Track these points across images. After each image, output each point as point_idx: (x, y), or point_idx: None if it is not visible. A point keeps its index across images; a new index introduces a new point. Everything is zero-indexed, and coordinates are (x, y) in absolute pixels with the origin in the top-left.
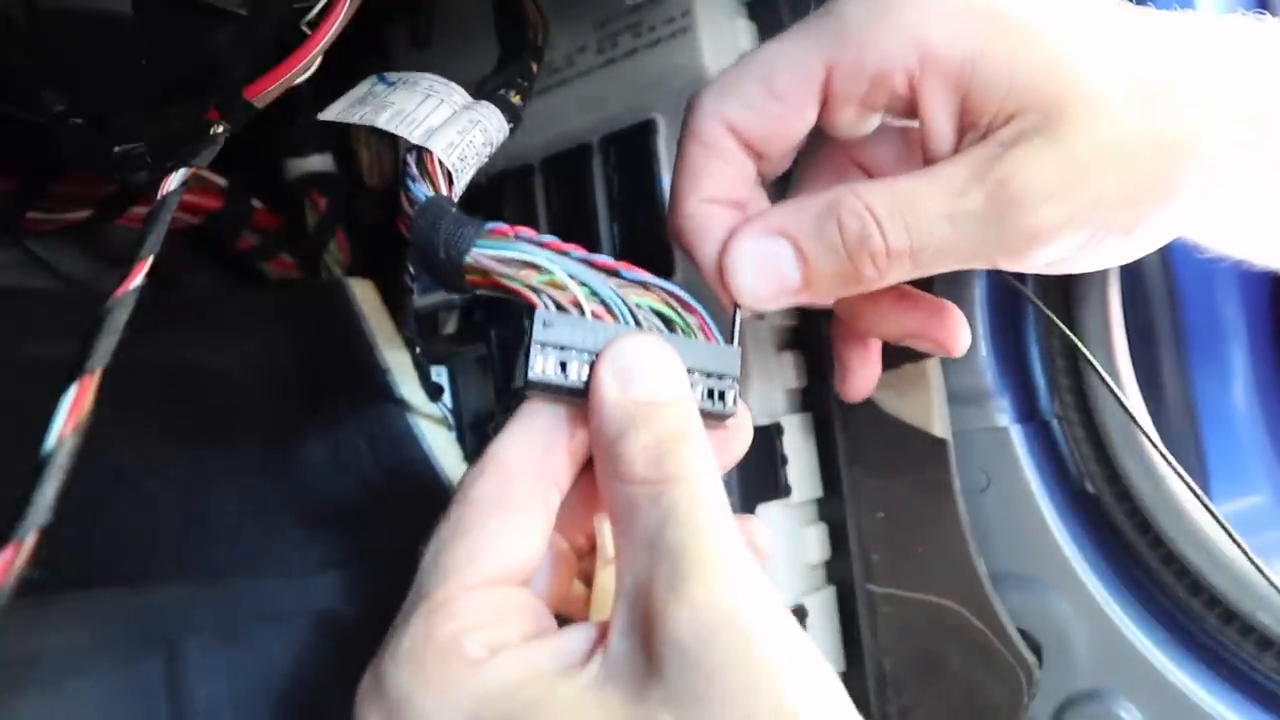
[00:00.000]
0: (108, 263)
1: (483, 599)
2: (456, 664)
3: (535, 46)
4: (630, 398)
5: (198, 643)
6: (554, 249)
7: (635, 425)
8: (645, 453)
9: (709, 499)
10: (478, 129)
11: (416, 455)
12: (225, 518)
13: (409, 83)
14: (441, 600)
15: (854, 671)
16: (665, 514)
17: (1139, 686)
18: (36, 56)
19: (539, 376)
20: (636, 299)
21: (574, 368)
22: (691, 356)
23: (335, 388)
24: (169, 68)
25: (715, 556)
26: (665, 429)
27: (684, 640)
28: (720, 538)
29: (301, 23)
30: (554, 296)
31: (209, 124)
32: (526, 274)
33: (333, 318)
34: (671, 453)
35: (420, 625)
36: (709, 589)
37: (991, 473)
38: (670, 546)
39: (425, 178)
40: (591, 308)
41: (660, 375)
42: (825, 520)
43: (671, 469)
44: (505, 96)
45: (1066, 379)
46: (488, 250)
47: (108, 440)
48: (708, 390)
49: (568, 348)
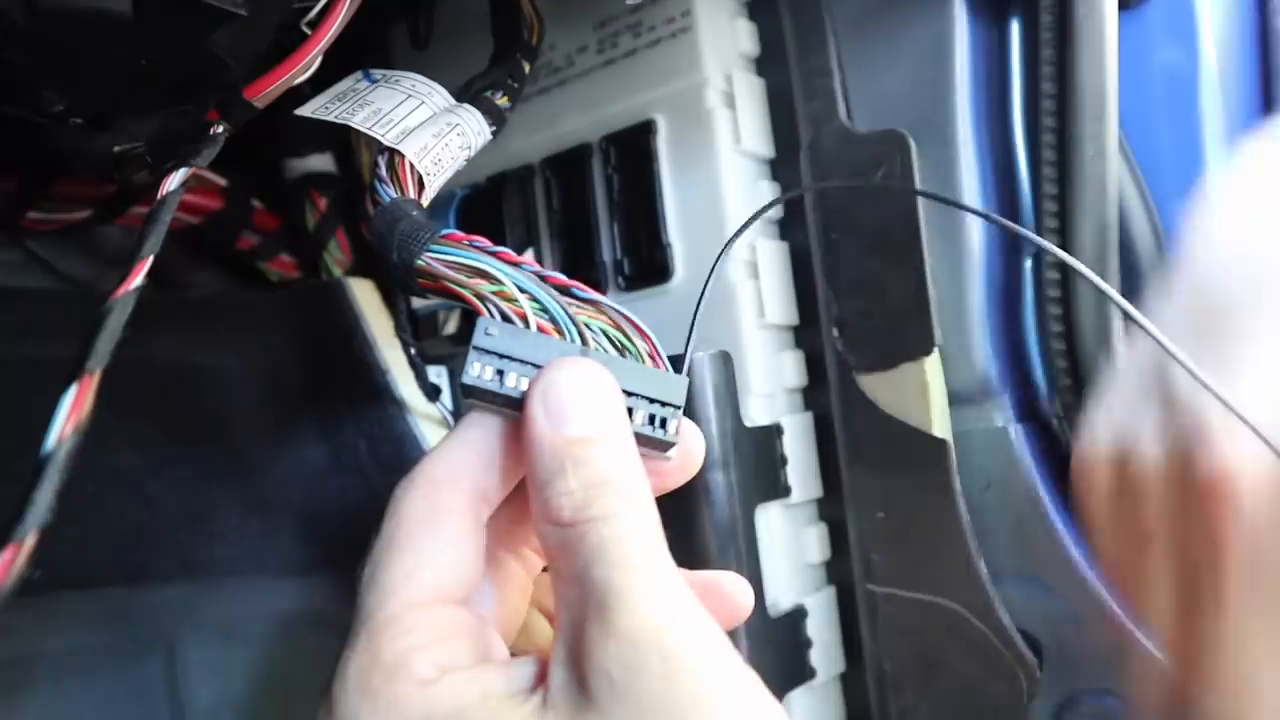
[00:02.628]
0: (108, 263)
1: (427, 618)
2: (405, 683)
3: (528, 46)
4: (562, 435)
5: (197, 643)
6: (506, 259)
7: (564, 468)
8: (572, 496)
9: (635, 536)
10: (455, 132)
11: (416, 455)
12: (225, 517)
13: (391, 81)
14: (385, 619)
15: (854, 671)
16: (592, 552)
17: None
18: (36, 56)
19: (474, 381)
20: (586, 319)
21: (512, 378)
22: (637, 381)
23: (335, 388)
24: (169, 68)
25: (641, 589)
26: (594, 472)
27: (611, 671)
28: (647, 571)
29: (301, 23)
30: (501, 307)
31: (209, 124)
32: (477, 282)
33: (333, 318)
34: (599, 496)
35: (364, 646)
36: (634, 620)
37: (991, 473)
38: (597, 582)
39: (394, 181)
40: (538, 322)
41: (592, 409)
42: (825, 520)
43: (598, 510)
44: (490, 99)
45: (1066, 379)
46: (440, 255)
47: (108, 440)
48: (649, 416)
49: (507, 357)
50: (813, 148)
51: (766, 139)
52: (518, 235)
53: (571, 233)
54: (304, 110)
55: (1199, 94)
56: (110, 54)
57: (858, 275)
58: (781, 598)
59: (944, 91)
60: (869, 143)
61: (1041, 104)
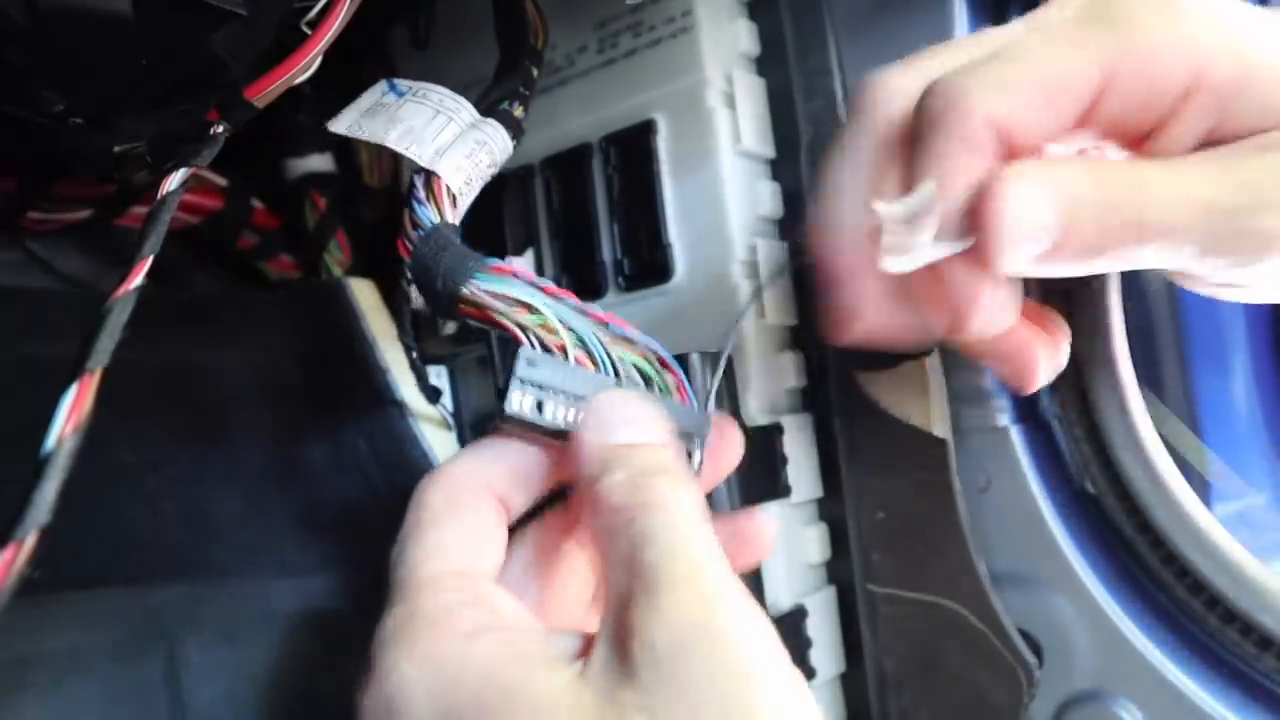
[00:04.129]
0: (108, 263)
1: (464, 581)
2: (446, 634)
3: (535, 51)
4: (609, 441)
5: (198, 643)
6: (549, 293)
7: (611, 466)
8: (621, 485)
9: (684, 522)
10: (484, 150)
11: (417, 455)
12: (225, 518)
13: (419, 95)
14: (424, 579)
15: (854, 671)
16: (641, 536)
17: (1139, 686)
18: (36, 56)
19: (516, 412)
20: (620, 352)
21: (550, 408)
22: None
23: (335, 388)
24: (169, 68)
25: (689, 572)
26: (640, 465)
27: (658, 648)
28: (695, 555)
29: (301, 23)
30: (541, 338)
31: (209, 124)
32: (518, 313)
33: (333, 318)
34: (646, 484)
35: (403, 603)
36: (681, 601)
37: (991, 473)
38: (646, 564)
39: (431, 201)
40: (576, 354)
41: (638, 423)
42: (825, 520)
43: (647, 497)
44: (509, 111)
45: (1067, 379)
46: (484, 285)
47: (108, 440)
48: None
49: (547, 388)
50: (812, 147)
51: (767, 139)
52: (518, 235)
53: (571, 233)
54: (335, 127)
55: None
56: (110, 54)
57: None
58: (781, 598)
59: None
60: None
61: None
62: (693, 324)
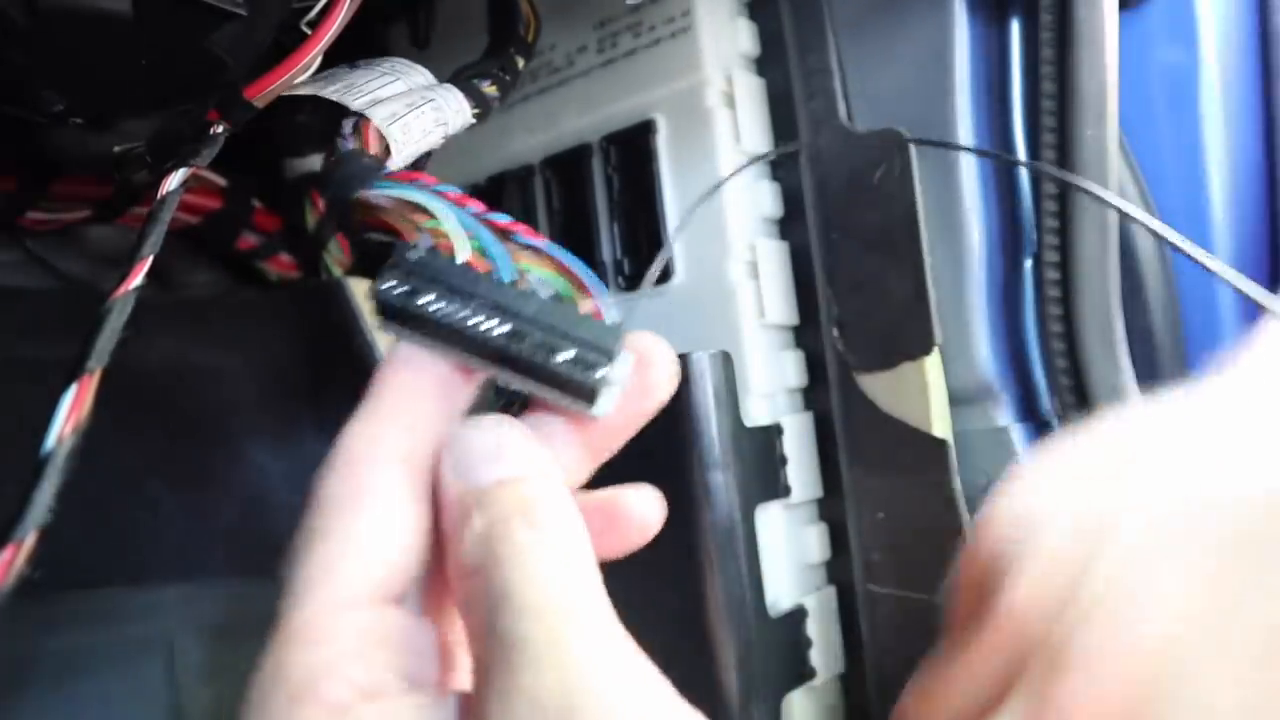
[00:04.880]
0: (108, 263)
1: (346, 623)
2: (311, 709)
3: (523, 41)
4: (469, 485)
5: (197, 643)
6: (450, 199)
7: (469, 514)
8: (477, 540)
9: (548, 576)
10: (430, 106)
11: None
12: (225, 518)
13: (373, 64)
14: (296, 627)
15: (854, 671)
16: (495, 601)
17: None
18: (36, 56)
19: (386, 294)
20: (525, 264)
21: (427, 299)
22: (566, 322)
23: (335, 387)
24: (168, 68)
25: (548, 640)
26: (498, 511)
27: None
28: (555, 618)
29: (301, 23)
30: (436, 242)
31: (209, 124)
32: (417, 216)
33: (332, 317)
34: (502, 534)
35: (271, 660)
36: (540, 680)
37: (992, 473)
38: (500, 635)
39: (357, 141)
40: (471, 260)
41: (499, 456)
42: (825, 520)
43: (501, 550)
44: (476, 85)
45: (1066, 379)
46: (381, 189)
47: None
48: (574, 357)
49: (433, 280)
50: (812, 147)
51: (766, 139)
52: None
53: (571, 233)
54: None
55: (1199, 94)
56: (110, 54)
57: (858, 275)
58: (781, 598)
59: (944, 91)
60: (868, 142)
61: (1041, 104)
62: (693, 324)
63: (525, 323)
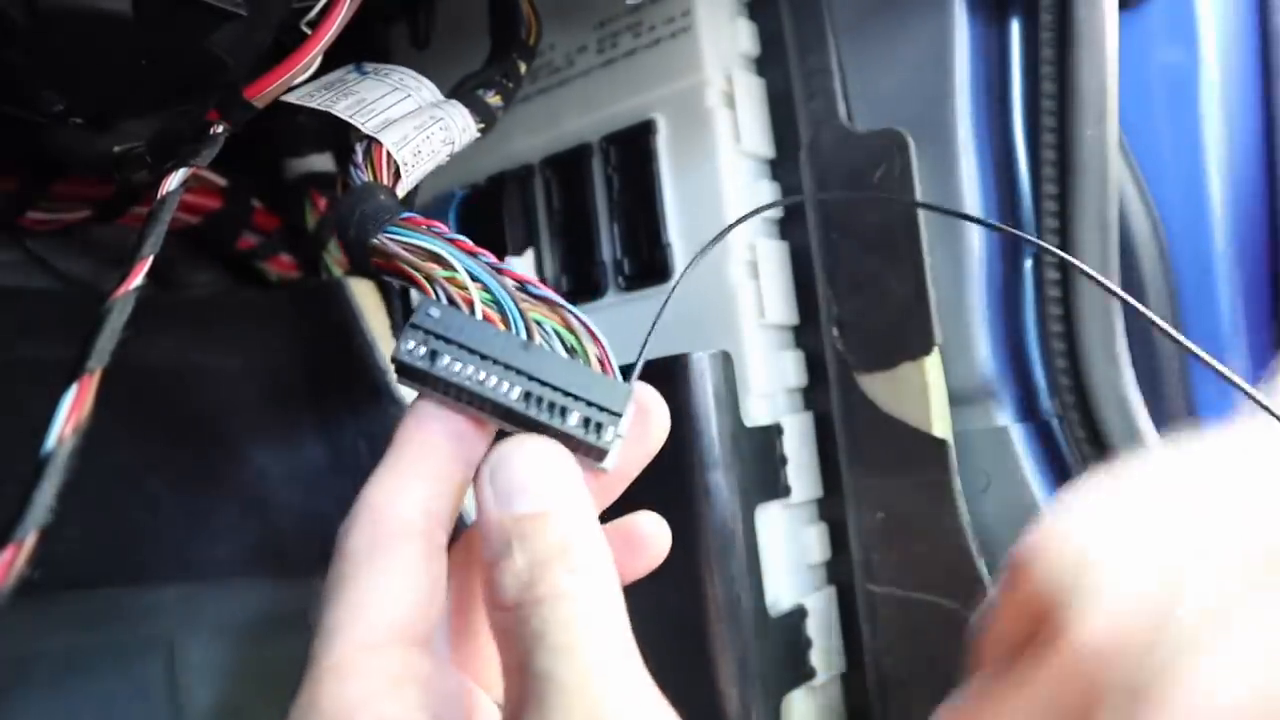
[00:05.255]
0: (108, 263)
1: (377, 662)
2: None
3: (525, 46)
4: (510, 514)
5: (198, 643)
6: (463, 247)
7: (510, 547)
8: (517, 576)
9: (584, 620)
10: (439, 126)
11: None
12: (225, 517)
13: (381, 74)
14: (330, 665)
15: (854, 671)
16: (533, 639)
17: None
18: (36, 56)
19: (404, 357)
20: (537, 316)
21: (446, 360)
22: (580, 384)
23: (335, 388)
24: (169, 68)
25: (579, 682)
26: (540, 547)
27: None
28: (594, 663)
29: (301, 23)
30: (450, 292)
31: (209, 124)
32: (430, 266)
33: (332, 317)
34: (544, 575)
35: (305, 697)
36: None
37: (991, 473)
38: (536, 674)
39: (369, 167)
40: (485, 310)
41: (544, 484)
42: (825, 520)
43: (543, 590)
44: (481, 97)
45: (1066, 379)
46: (396, 235)
47: (108, 440)
48: (584, 419)
49: (446, 339)
50: (812, 147)
51: (766, 139)
52: (518, 235)
53: (571, 233)
54: (289, 97)
55: (1199, 94)
56: (110, 54)
57: (858, 275)
58: (781, 598)
59: (944, 91)
60: (868, 142)
61: (1041, 104)
62: (693, 324)
63: (538, 384)
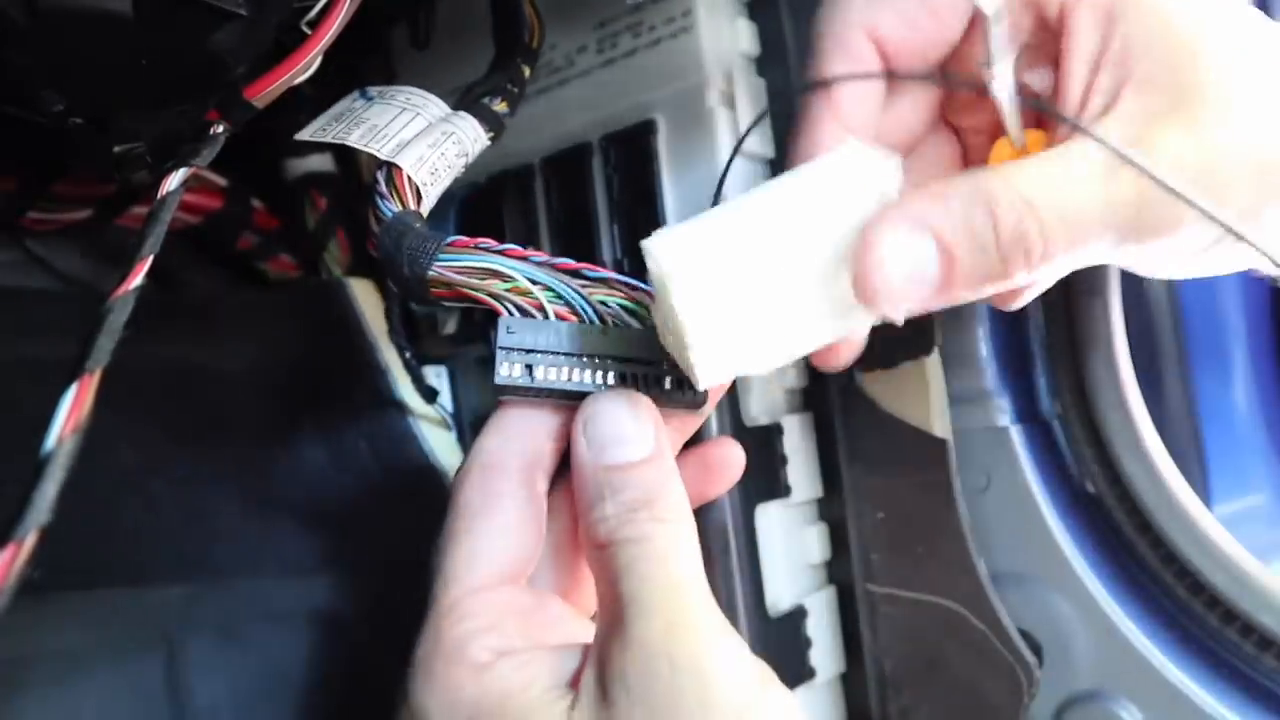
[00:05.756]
0: (108, 263)
1: (485, 602)
2: (461, 668)
3: (528, 49)
4: (602, 463)
5: (198, 642)
6: (514, 255)
7: (603, 494)
8: (609, 521)
9: (661, 556)
10: (451, 141)
11: (416, 455)
12: (226, 517)
13: (386, 97)
14: (447, 606)
15: (854, 671)
16: (622, 570)
17: (1139, 686)
18: (36, 56)
19: (506, 380)
20: (601, 297)
21: (540, 370)
22: (657, 349)
23: (335, 387)
24: (169, 68)
25: (658, 602)
26: (629, 498)
27: (626, 677)
28: (666, 587)
29: (301, 23)
30: (517, 302)
31: (209, 124)
32: (490, 283)
33: (333, 318)
34: (632, 520)
35: (430, 632)
36: (648, 631)
37: (991, 473)
38: (623, 597)
39: (394, 194)
40: (555, 309)
41: (630, 436)
42: (825, 520)
43: (630, 532)
44: (488, 105)
45: (1066, 379)
46: (450, 262)
47: (108, 440)
48: (676, 380)
49: (533, 350)
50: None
51: (766, 139)
52: (518, 235)
53: (571, 232)
54: (302, 135)
55: None
56: (111, 54)
57: None
58: (781, 598)
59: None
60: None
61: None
62: None
63: (627, 363)
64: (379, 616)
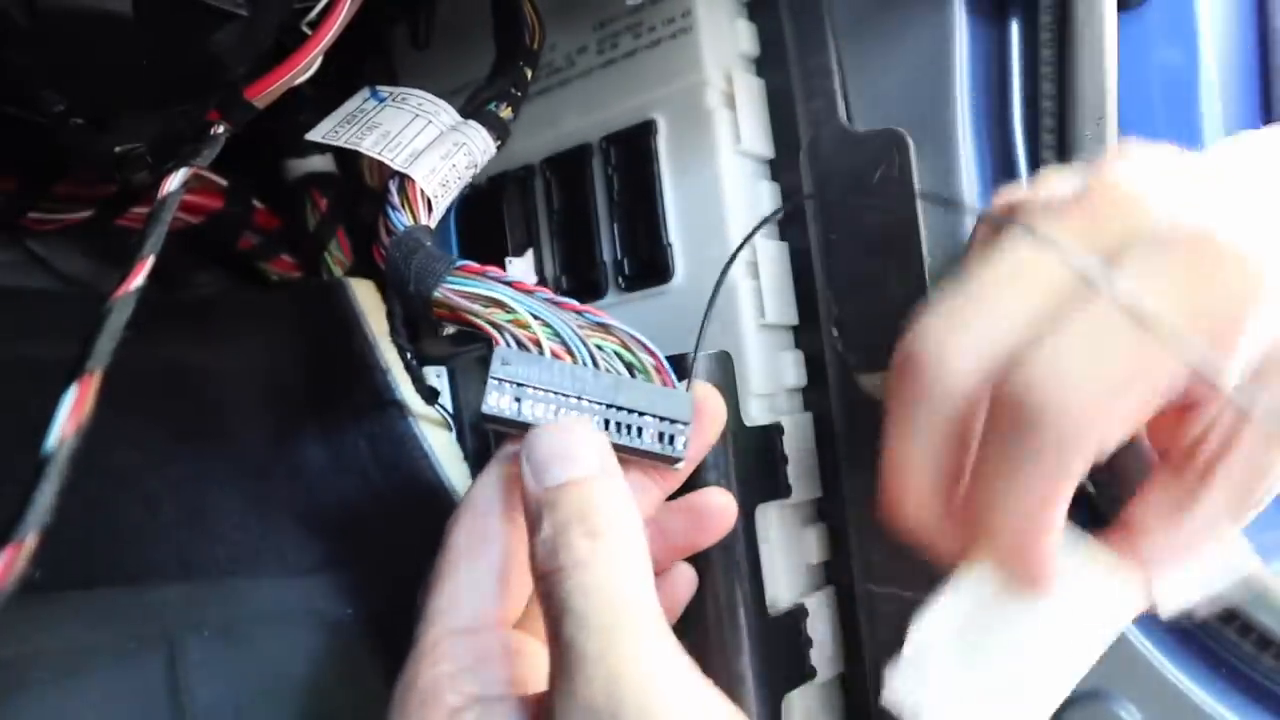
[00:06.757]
0: (108, 263)
1: (465, 644)
2: (435, 710)
3: (530, 51)
4: (543, 485)
5: (198, 642)
6: (520, 289)
7: (540, 517)
8: (545, 545)
9: (602, 587)
10: (462, 151)
11: (417, 455)
12: (226, 517)
13: (398, 100)
14: (428, 646)
15: (854, 671)
16: (560, 607)
17: (1139, 686)
18: (36, 56)
19: (493, 410)
20: (598, 341)
21: (528, 405)
22: (647, 401)
23: (336, 388)
24: (169, 68)
25: (600, 649)
26: (561, 515)
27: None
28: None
29: (302, 23)
30: (516, 334)
31: (209, 124)
32: (492, 311)
33: (333, 318)
34: (565, 542)
35: (409, 670)
36: (589, 685)
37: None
38: (563, 642)
39: (405, 205)
40: (551, 347)
41: (569, 455)
42: (825, 520)
43: (564, 559)
44: (494, 113)
45: None
46: (456, 286)
47: (108, 440)
48: (658, 434)
49: (524, 385)
50: (812, 148)
51: (766, 139)
52: (518, 236)
53: (571, 233)
54: (314, 135)
55: (1199, 94)
56: (110, 54)
57: (858, 275)
58: (781, 598)
59: (944, 91)
60: (868, 142)
61: (1041, 104)
62: (693, 324)
63: (614, 410)
64: (379, 617)
